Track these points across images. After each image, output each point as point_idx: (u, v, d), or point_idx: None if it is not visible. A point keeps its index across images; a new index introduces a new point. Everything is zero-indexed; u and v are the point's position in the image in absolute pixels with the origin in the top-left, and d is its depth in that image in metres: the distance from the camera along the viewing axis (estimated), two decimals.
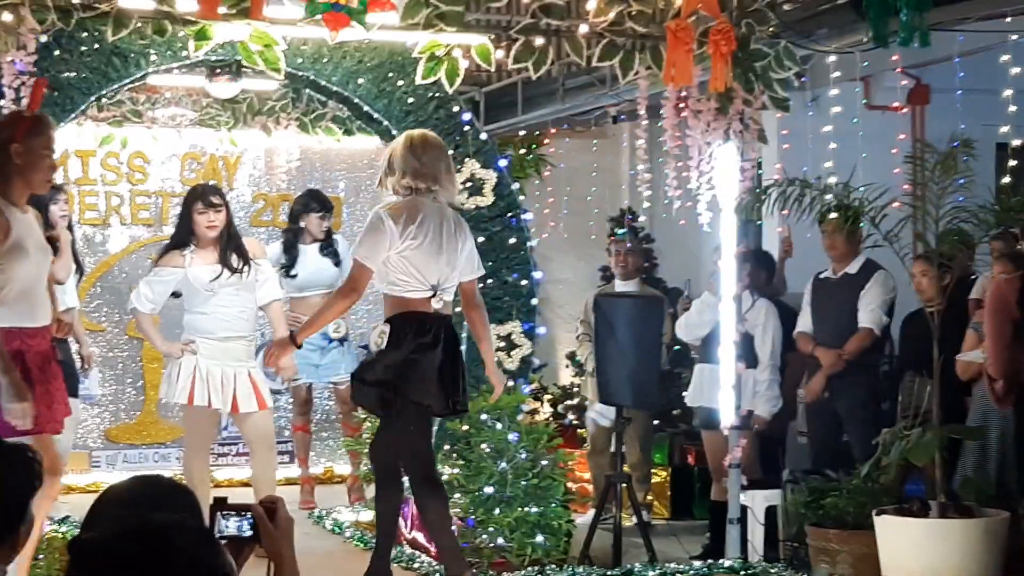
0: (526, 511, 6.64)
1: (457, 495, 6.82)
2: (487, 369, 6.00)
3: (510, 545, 6.62)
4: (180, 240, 6.90)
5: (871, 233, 6.55)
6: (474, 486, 6.73)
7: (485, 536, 6.64)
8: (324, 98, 8.47)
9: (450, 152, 7.52)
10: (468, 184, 7.63)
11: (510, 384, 7.21)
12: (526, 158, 11.00)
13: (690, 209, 6.92)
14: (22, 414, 5.11)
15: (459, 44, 6.63)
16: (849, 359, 7.31)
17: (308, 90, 8.43)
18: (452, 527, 6.07)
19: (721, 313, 7.01)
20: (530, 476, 6.78)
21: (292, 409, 9.14)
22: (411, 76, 7.01)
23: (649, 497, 8.50)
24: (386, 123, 7.69)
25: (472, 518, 6.70)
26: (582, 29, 6.75)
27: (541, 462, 6.85)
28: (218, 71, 8.36)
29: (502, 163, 7.86)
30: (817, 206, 6.56)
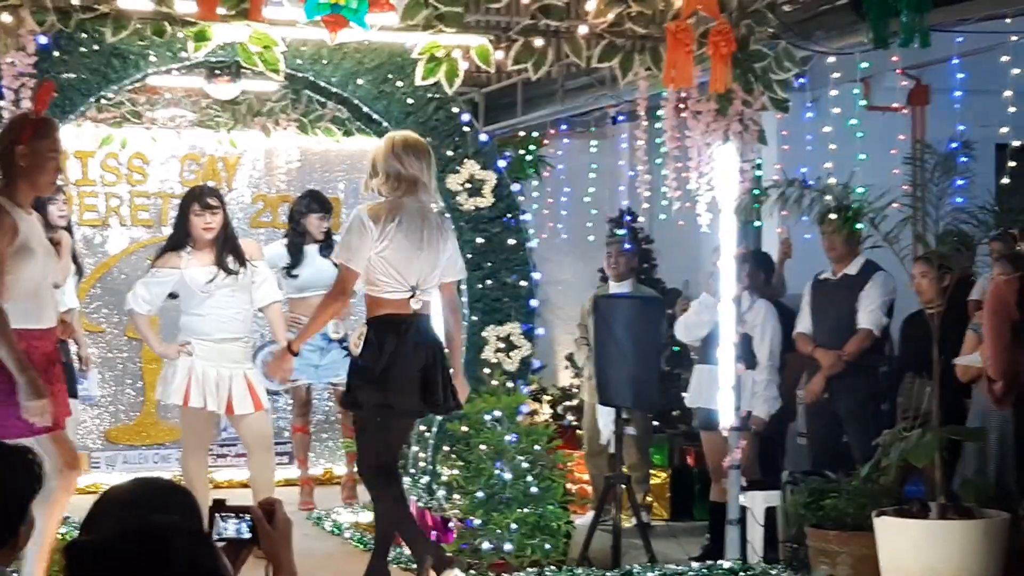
0: (525, 512, 6.64)
1: (456, 496, 6.82)
2: (454, 375, 5.94)
3: (509, 546, 6.61)
4: (177, 241, 6.90)
5: (870, 234, 6.56)
6: (473, 487, 6.73)
7: (484, 537, 6.64)
8: (323, 99, 8.46)
9: (450, 153, 7.58)
10: (468, 185, 7.62)
11: (509, 385, 7.22)
12: (525, 159, 11.00)
13: (689, 210, 6.92)
14: (40, 411, 5.12)
15: (459, 45, 6.64)
16: (849, 360, 7.31)
17: (307, 91, 8.41)
18: (410, 512, 6.18)
19: (720, 314, 7.01)
20: (529, 477, 6.77)
21: (291, 410, 9.15)
22: (410, 77, 7.00)
23: (648, 498, 8.49)
24: (385, 124, 7.66)
25: (471, 519, 6.69)
26: (582, 30, 6.75)
27: (540, 463, 6.85)
28: (217, 72, 8.36)
29: (501, 164, 7.85)
30: (816, 207, 6.57)
